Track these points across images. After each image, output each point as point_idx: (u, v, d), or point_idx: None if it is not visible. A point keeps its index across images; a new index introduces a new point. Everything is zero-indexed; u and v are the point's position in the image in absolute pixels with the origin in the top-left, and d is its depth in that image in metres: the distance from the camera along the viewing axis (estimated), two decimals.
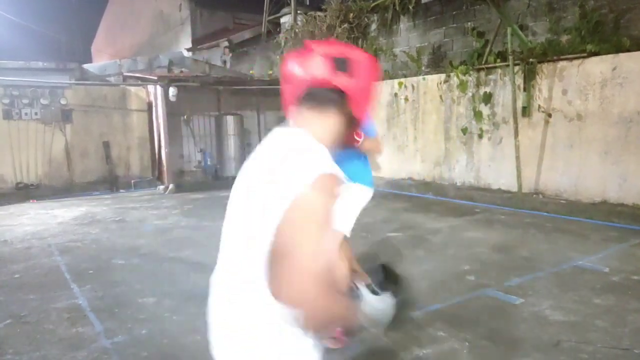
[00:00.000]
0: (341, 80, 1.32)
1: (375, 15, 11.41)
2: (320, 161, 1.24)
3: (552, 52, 7.26)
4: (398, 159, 10.06)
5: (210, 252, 5.88)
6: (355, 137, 2.75)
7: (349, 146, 2.69)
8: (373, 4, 11.33)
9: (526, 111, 7.57)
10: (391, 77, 10.57)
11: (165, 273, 4.76)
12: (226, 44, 16.99)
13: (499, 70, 7.97)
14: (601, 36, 7.14)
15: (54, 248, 5.80)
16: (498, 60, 8.13)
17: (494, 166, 8.23)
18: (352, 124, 1.41)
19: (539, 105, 7.45)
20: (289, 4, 14.46)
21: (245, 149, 11.58)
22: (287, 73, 1.41)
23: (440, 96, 8.98)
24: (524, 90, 7.54)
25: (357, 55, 1.37)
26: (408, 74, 10.27)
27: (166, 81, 9.88)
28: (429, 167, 9.40)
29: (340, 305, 1.26)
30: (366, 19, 11.49)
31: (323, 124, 1.35)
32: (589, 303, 3.75)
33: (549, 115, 7.30)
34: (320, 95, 1.33)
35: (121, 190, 10.43)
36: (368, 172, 3.37)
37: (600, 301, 3.78)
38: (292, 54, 1.44)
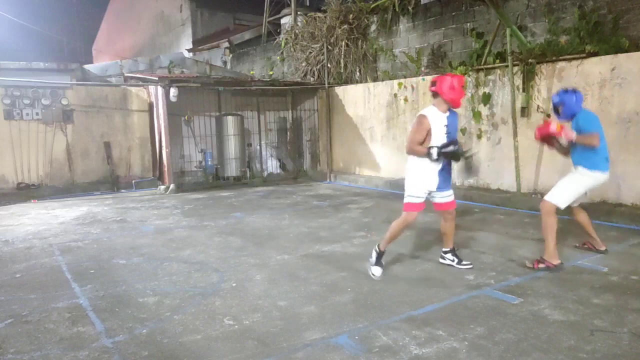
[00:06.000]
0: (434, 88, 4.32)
1: (375, 16, 11.44)
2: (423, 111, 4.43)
3: (551, 53, 7.28)
4: (398, 159, 10.08)
5: (211, 251, 5.88)
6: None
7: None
8: (373, 5, 11.36)
9: (525, 111, 7.59)
10: (391, 78, 10.60)
11: (165, 273, 4.78)
12: (227, 44, 17.02)
13: (498, 71, 7.99)
14: (600, 37, 7.17)
15: (55, 248, 5.83)
16: (497, 60, 8.15)
17: (493, 166, 8.25)
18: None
19: (538, 106, 7.47)
20: (289, 5, 14.50)
21: (246, 149, 11.62)
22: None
23: None
24: (523, 90, 7.56)
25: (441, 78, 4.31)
26: (408, 75, 10.30)
27: (167, 82, 9.90)
28: None
29: (419, 151, 4.32)
30: (366, 20, 11.52)
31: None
32: (587, 303, 3.76)
33: (548, 116, 7.31)
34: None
35: (122, 190, 10.45)
36: None
37: (599, 301, 3.79)
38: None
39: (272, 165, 12.52)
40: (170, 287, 4.37)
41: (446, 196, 4.60)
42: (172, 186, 10.05)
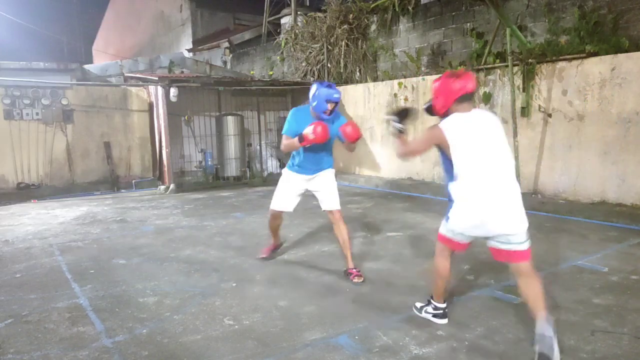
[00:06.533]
0: None
1: (375, 16, 11.44)
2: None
3: (551, 53, 7.28)
4: (397, 159, 10.08)
5: (211, 251, 5.86)
6: None
7: None
8: (373, 5, 11.36)
9: (525, 111, 7.59)
10: (391, 78, 10.60)
11: (165, 273, 4.78)
12: (227, 44, 17.03)
13: (498, 71, 7.99)
14: (600, 37, 7.16)
15: (55, 248, 5.83)
16: (497, 60, 8.15)
17: None
18: None
19: (539, 106, 7.47)
20: (289, 5, 14.50)
21: (246, 149, 11.61)
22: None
23: None
24: (523, 90, 7.56)
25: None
26: (407, 75, 10.30)
27: (167, 82, 9.90)
28: (428, 167, 9.42)
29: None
30: (366, 20, 11.53)
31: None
32: (588, 303, 3.77)
33: (549, 116, 7.32)
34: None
35: (122, 190, 10.45)
36: None
37: (600, 301, 3.79)
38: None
39: (272, 165, 12.51)
40: (170, 287, 4.37)
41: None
42: (172, 186, 10.05)
